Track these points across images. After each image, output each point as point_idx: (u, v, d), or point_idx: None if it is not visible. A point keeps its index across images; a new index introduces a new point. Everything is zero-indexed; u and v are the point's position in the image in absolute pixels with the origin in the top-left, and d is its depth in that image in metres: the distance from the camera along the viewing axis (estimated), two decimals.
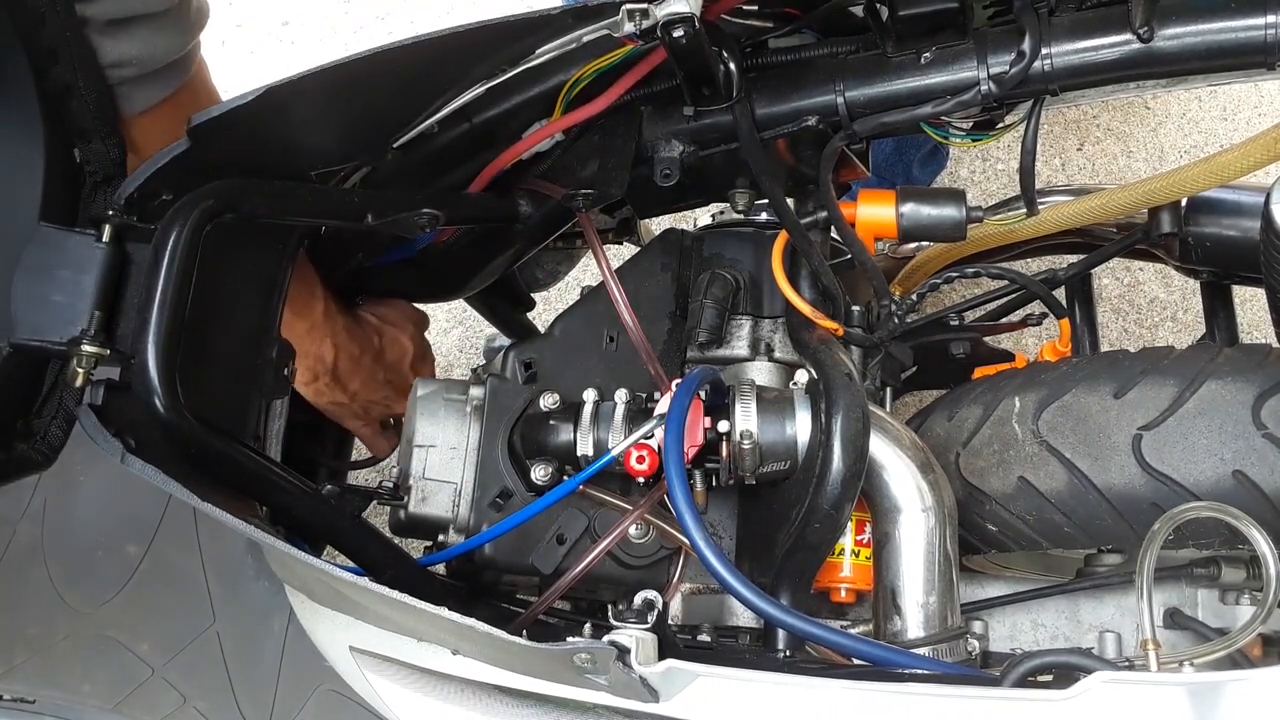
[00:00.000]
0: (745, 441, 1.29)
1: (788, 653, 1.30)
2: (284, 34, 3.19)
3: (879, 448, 1.31)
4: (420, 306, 2.83)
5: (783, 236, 1.48)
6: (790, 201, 1.49)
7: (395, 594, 1.08)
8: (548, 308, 2.59)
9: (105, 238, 1.17)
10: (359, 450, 1.98)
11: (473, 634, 1.09)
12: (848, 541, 1.43)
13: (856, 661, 1.23)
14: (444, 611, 1.06)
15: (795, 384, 1.41)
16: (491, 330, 2.14)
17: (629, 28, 1.23)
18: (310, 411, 1.67)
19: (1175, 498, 1.26)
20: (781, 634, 1.30)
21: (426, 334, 2.77)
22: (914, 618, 1.29)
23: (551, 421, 1.42)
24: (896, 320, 1.46)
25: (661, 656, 1.06)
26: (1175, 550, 1.38)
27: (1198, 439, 1.28)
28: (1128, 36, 1.26)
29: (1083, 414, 1.32)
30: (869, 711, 1.03)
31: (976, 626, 1.50)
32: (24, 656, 1.60)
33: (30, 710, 1.58)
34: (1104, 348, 1.79)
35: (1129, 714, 0.92)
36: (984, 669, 1.31)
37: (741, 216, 1.60)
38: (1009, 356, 1.68)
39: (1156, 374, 1.33)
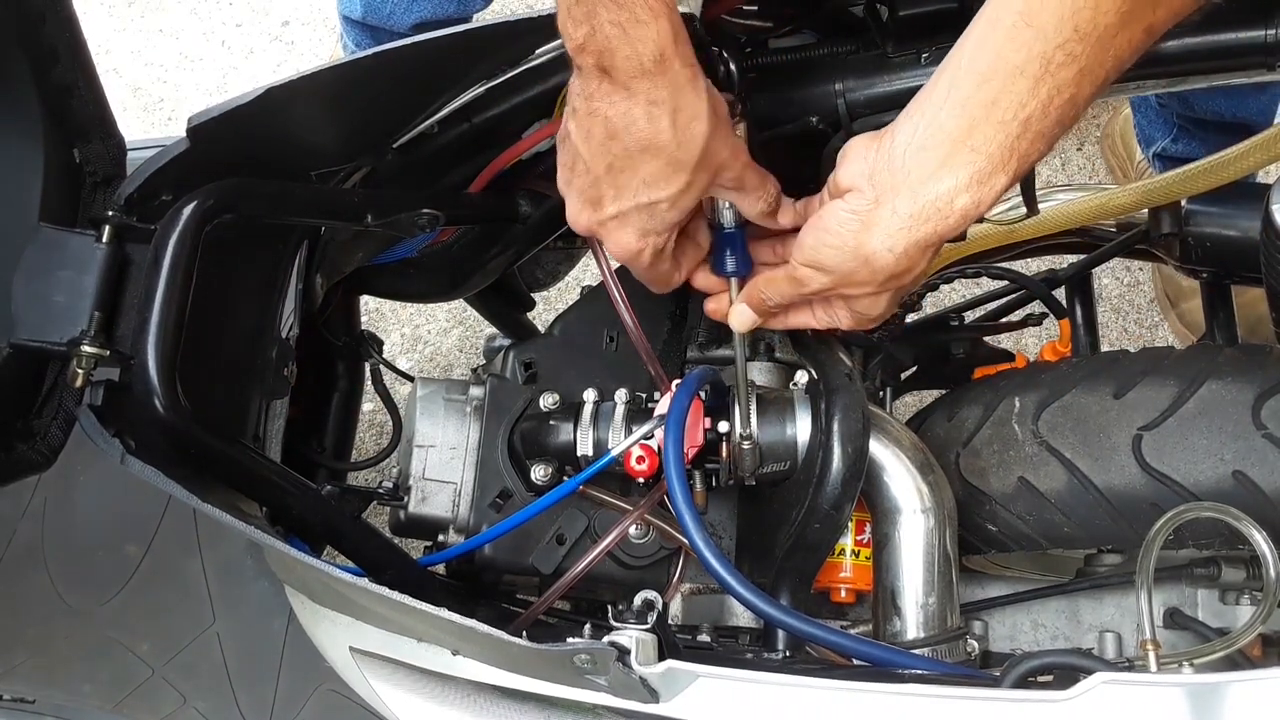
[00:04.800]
0: (745, 442, 1.29)
1: (787, 653, 1.30)
2: (283, 34, 3.19)
3: (878, 449, 1.31)
4: (420, 307, 2.86)
5: None
6: None
7: (395, 594, 1.08)
8: (547, 308, 2.59)
9: (105, 238, 1.18)
10: (358, 451, 1.98)
11: (473, 634, 1.09)
12: (848, 542, 1.43)
13: (856, 662, 1.23)
14: (444, 612, 1.06)
15: (795, 384, 1.41)
16: (491, 330, 2.14)
17: None
18: (309, 411, 1.67)
19: (1175, 498, 1.26)
20: (781, 634, 1.30)
21: (426, 334, 2.79)
22: (913, 618, 1.30)
23: (551, 421, 1.42)
24: (897, 321, 1.46)
25: (661, 657, 1.06)
26: (1176, 550, 1.38)
27: (1198, 439, 1.28)
28: None
29: (1083, 414, 1.32)
30: (869, 712, 1.03)
31: (976, 627, 1.50)
32: (24, 656, 1.60)
33: (30, 710, 1.58)
34: (1104, 348, 1.79)
35: (1129, 715, 0.92)
36: (984, 669, 1.31)
37: None
38: (1009, 356, 1.68)
39: (1157, 374, 1.33)
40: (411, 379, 1.64)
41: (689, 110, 1.09)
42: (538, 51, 1.32)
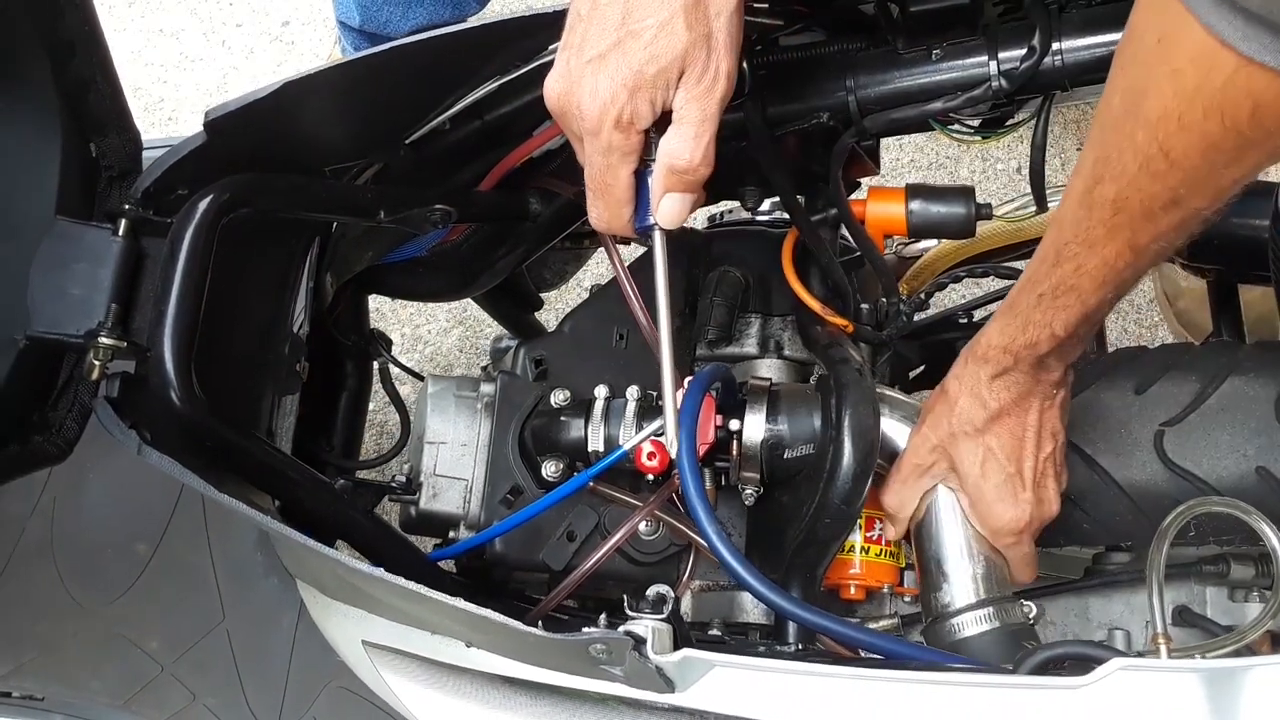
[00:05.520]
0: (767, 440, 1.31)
1: (799, 647, 1.30)
2: (284, 34, 3.19)
3: (898, 429, 1.32)
4: (420, 306, 2.86)
5: (792, 234, 1.49)
6: (800, 199, 1.49)
7: (411, 585, 1.08)
8: (549, 309, 2.59)
9: (121, 231, 1.18)
10: (365, 450, 1.98)
11: (488, 625, 1.09)
12: (857, 538, 1.44)
13: (865, 655, 1.24)
14: (460, 602, 1.07)
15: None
16: (497, 332, 2.14)
17: None
18: (317, 409, 1.67)
19: (1198, 494, 1.27)
20: (792, 629, 1.31)
21: (426, 334, 2.79)
22: (961, 585, 1.28)
23: (562, 418, 1.43)
24: (905, 318, 1.47)
25: (677, 646, 1.06)
26: (1197, 547, 1.38)
27: (1220, 435, 1.29)
28: None
29: (1103, 410, 1.33)
30: (885, 701, 1.03)
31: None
32: (33, 654, 1.60)
33: (39, 707, 1.58)
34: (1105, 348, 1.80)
35: (1146, 701, 0.93)
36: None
37: (750, 215, 1.61)
38: None
39: (1178, 370, 1.34)
40: (422, 377, 1.65)
41: None
42: (551, 47, 1.32)
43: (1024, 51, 1.28)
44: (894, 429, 1.33)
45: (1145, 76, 0.89)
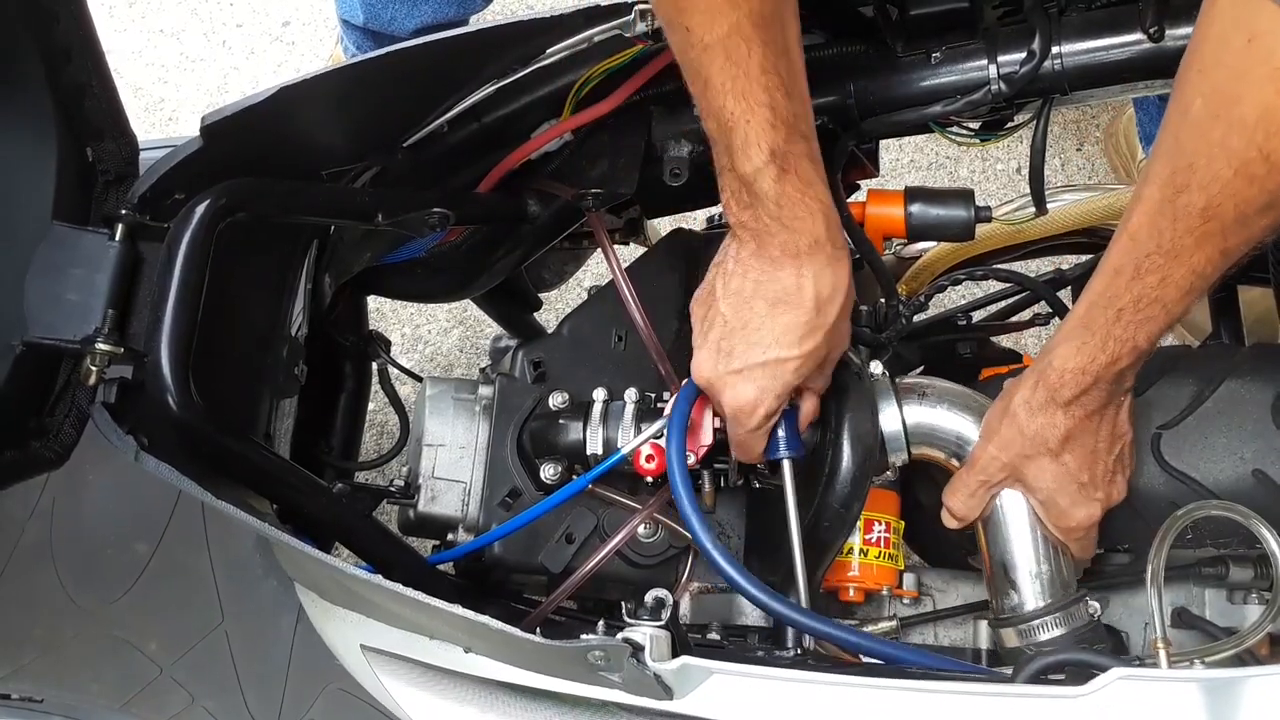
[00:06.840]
0: None
1: (797, 651, 1.30)
2: (284, 34, 3.19)
3: (965, 423, 1.32)
4: (421, 307, 2.86)
5: None
6: None
7: (409, 590, 1.08)
8: (549, 309, 2.59)
9: (118, 236, 1.18)
10: (364, 451, 1.98)
11: (486, 631, 1.09)
12: (856, 540, 1.44)
13: (864, 659, 1.23)
14: (457, 608, 1.07)
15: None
16: (496, 331, 2.14)
17: (641, 28, 1.25)
18: (316, 411, 1.67)
19: (1194, 496, 1.27)
20: (791, 633, 1.31)
21: (426, 334, 2.79)
22: (1029, 589, 1.29)
23: (561, 421, 1.42)
24: (904, 320, 1.47)
25: (675, 653, 1.06)
26: (1194, 549, 1.38)
27: (1217, 438, 1.29)
28: (1139, 36, 1.26)
29: None
30: (883, 708, 1.03)
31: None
32: (32, 655, 1.60)
33: (38, 709, 1.57)
34: None
35: (1145, 710, 0.93)
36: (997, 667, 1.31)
37: None
38: (1016, 357, 1.68)
39: (1175, 373, 1.34)
40: (420, 379, 1.64)
41: (832, 285, 1.19)
42: (548, 51, 1.33)
43: (1023, 55, 1.28)
44: (962, 425, 1.33)
45: (1236, 80, 0.87)
